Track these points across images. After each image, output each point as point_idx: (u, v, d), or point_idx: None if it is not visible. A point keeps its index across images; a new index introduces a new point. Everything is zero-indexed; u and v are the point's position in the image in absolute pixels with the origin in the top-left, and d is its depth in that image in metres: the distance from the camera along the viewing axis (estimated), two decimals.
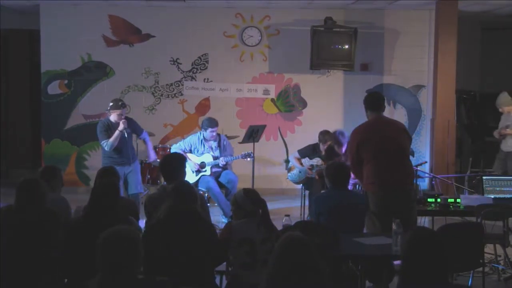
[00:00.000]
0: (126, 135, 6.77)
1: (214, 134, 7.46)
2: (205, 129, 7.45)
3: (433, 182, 8.02)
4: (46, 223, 3.82)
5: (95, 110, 9.51)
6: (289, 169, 7.76)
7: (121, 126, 6.67)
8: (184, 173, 5.08)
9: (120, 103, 6.82)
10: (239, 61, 9.59)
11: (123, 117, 6.74)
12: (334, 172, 4.77)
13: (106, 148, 6.69)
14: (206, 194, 7.32)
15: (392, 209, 4.80)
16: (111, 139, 6.66)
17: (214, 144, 7.54)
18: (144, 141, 7.29)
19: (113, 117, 6.75)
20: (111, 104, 6.83)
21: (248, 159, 7.60)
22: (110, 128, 6.73)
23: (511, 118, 8.07)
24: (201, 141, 7.53)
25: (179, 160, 5.04)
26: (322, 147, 7.47)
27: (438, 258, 2.77)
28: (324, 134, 7.49)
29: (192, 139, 7.60)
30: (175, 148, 7.62)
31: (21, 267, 3.70)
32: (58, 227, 3.84)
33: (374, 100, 5.29)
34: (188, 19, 9.51)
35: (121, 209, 3.98)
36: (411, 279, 2.77)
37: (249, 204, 4.03)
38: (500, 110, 8.29)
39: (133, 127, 6.98)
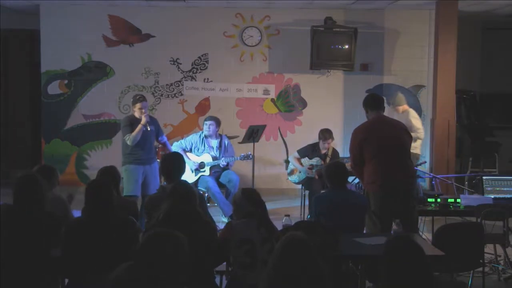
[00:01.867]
0: (148, 132, 6.60)
1: (212, 127, 7.44)
2: (204, 124, 7.48)
3: (433, 182, 8.01)
4: (46, 224, 3.80)
5: (95, 110, 9.51)
6: (290, 172, 7.76)
7: (143, 120, 6.53)
8: (183, 172, 5.08)
9: (138, 97, 6.71)
10: (239, 61, 9.59)
11: (144, 110, 6.58)
12: (333, 172, 4.77)
13: (128, 143, 6.52)
14: (206, 194, 7.33)
15: (393, 208, 4.81)
16: (134, 133, 6.49)
17: (215, 143, 7.54)
18: (164, 144, 7.09)
19: (136, 113, 6.62)
20: (131, 100, 6.75)
21: (247, 160, 7.60)
22: (134, 123, 6.57)
23: (405, 119, 8.04)
24: (202, 140, 7.54)
25: (179, 160, 5.04)
26: (322, 145, 7.47)
27: (418, 265, 2.72)
28: (324, 132, 7.49)
29: (194, 138, 7.61)
30: (176, 146, 7.62)
31: (20, 267, 3.70)
32: (58, 229, 3.82)
33: (374, 100, 5.30)
34: (188, 19, 9.51)
35: (121, 209, 3.97)
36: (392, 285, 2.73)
37: (246, 204, 4.05)
38: (395, 109, 8.16)
39: (156, 127, 6.82)
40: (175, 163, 4.96)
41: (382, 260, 2.78)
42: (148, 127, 6.60)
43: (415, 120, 7.92)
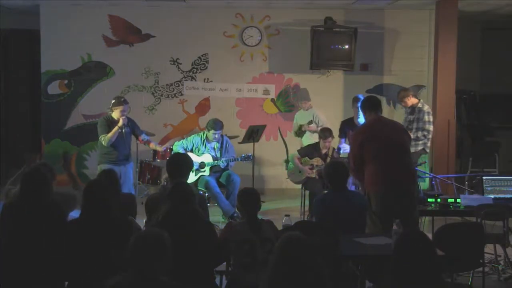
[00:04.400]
0: (124, 133, 6.83)
1: (217, 136, 7.45)
2: (209, 130, 7.45)
3: (433, 182, 8.02)
4: (51, 218, 3.81)
5: (95, 110, 9.51)
6: (290, 173, 7.76)
7: (120, 122, 6.76)
8: (188, 176, 5.08)
9: (122, 99, 6.93)
10: (239, 61, 9.60)
11: (125, 113, 6.82)
12: (332, 172, 4.77)
13: (103, 143, 6.77)
14: (206, 194, 7.33)
15: (393, 208, 4.80)
16: (109, 134, 6.73)
17: (216, 145, 7.54)
18: (147, 141, 7.29)
19: (115, 114, 6.84)
20: (113, 101, 6.93)
21: (248, 161, 7.60)
22: (111, 124, 6.81)
23: (312, 114, 8.43)
24: (203, 141, 7.53)
25: (183, 161, 5.02)
26: (323, 144, 7.47)
27: (428, 259, 2.76)
28: (324, 131, 7.50)
29: (195, 138, 7.61)
30: (177, 145, 7.62)
31: (25, 263, 3.70)
32: (62, 222, 3.83)
33: (373, 101, 5.31)
34: (188, 19, 9.51)
35: (119, 209, 3.96)
36: (402, 280, 2.76)
37: (239, 205, 4.08)
38: (300, 106, 8.67)
39: (133, 127, 7.05)
40: (178, 163, 4.94)
41: (393, 255, 2.82)
42: (124, 130, 6.83)
43: (322, 115, 8.27)
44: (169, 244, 2.90)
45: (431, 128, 7.72)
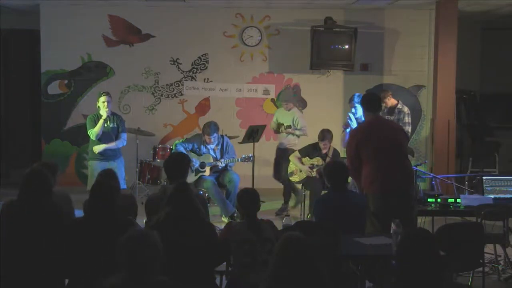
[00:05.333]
0: (109, 129, 6.98)
1: (213, 140, 7.43)
2: (207, 138, 7.45)
3: (433, 182, 8.01)
4: (51, 219, 3.81)
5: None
6: (290, 173, 7.75)
7: (104, 115, 6.95)
8: (187, 174, 5.07)
9: (102, 92, 7.17)
10: (239, 61, 9.60)
11: (105, 104, 6.98)
12: (332, 172, 4.76)
13: (91, 137, 7.01)
14: (206, 194, 7.33)
15: (392, 209, 4.80)
16: (96, 128, 6.96)
17: (217, 146, 7.54)
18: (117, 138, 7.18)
19: (101, 110, 7.03)
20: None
21: (248, 162, 7.60)
22: (97, 120, 7.03)
23: (291, 116, 8.22)
24: (203, 141, 7.53)
25: (184, 161, 5.02)
26: (322, 145, 7.47)
27: (431, 258, 2.77)
28: (323, 132, 7.50)
29: (195, 139, 7.61)
30: (177, 145, 7.62)
31: (24, 263, 3.70)
32: (62, 223, 3.83)
33: (371, 101, 5.29)
34: (188, 19, 9.51)
35: (120, 209, 3.96)
36: (406, 278, 2.77)
37: (239, 205, 4.08)
38: (283, 105, 8.42)
39: (118, 123, 7.16)
40: (176, 163, 4.93)
41: (395, 255, 2.82)
42: (110, 124, 7.03)
43: (302, 118, 8.12)
44: (159, 242, 2.91)
45: (410, 129, 7.75)
